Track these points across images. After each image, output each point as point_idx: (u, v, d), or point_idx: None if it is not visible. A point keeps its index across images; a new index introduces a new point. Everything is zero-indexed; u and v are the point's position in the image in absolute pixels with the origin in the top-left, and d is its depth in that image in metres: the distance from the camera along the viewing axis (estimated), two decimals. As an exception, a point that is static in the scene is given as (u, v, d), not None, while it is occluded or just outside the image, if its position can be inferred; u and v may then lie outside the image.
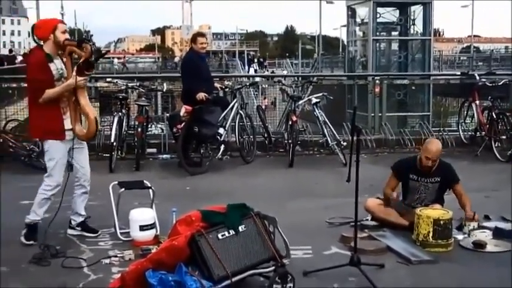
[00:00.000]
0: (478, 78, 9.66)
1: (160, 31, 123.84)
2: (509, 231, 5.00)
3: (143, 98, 8.71)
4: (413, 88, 11.44)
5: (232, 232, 3.79)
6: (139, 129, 8.12)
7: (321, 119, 8.66)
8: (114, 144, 7.82)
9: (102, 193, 5.17)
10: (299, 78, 11.77)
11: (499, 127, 8.78)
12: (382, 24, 13.03)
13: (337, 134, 8.64)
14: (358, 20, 13.59)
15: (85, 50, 4.60)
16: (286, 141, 8.70)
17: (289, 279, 3.75)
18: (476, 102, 9.39)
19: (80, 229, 5.07)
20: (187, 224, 3.83)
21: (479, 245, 4.74)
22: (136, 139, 8.17)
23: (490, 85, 9.59)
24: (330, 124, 8.66)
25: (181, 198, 6.21)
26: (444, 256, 4.59)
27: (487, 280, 4.16)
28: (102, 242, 4.93)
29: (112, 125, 7.82)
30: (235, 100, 8.64)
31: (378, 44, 13.21)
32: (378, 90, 10.16)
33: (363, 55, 13.49)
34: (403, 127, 10.43)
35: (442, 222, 4.70)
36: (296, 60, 50.89)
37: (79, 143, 4.90)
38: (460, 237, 4.92)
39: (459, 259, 4.57)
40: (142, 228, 4.83)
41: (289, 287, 3.75)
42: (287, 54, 64.85)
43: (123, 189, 5.07)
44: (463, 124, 9.73)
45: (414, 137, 9.31)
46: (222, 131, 8.16)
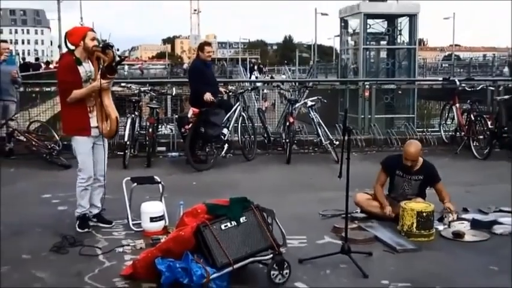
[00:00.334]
0: (458, 83, 9.63)
1: (170, 40, 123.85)
2: (486, 222, 5.00)
3: (154, 101, 8.68)
4: (400, 92, 11.47)
5: (234, 223, 3.78)
6: (150, 130, 8.14)
7: (315, 120, 8.65)
8: (128, 143, 7.82)
9: (116, 188, 5.16)
10: (296, 83, 11.73)
11: (477, 128, 8.79)
12: (371, 34, 13.06)
13: (330, 134, 8.62)
14: (350, 31, 13.62)
15: (108, 55, 4.59)
16: (284, 140, 8.69)
17: (285, 266, 3.76)
18: (457, 105, 9.39)
19: (96, 220, 5.06)
20: (193, 216, 3.82)
21: (458, 235, 4.74)
22: (147, 138, 8.18)
23: (469, 90, 9.60)
24: (323, 125, 8.65)
25: (188, 192, 6.19)
26: (426, 245, 4.59)
27: (465, 266, 4.18)
28: (116, 232, 4.92)
29: (126, 125, 7.81)
30: (238, 103, 8.62)
31: (367, 52, 13.25)
32: (367, 94, 10.17)
33: (354, 62, 13.51)
34: (390, 128, 10.40)
35: (424, 214, 4.71)
36: (294, 66, 50.82)
37: (100, 140, 4.90)
38: (440, 227, 4.92)
39: (440, 247, 4.57)
40: (153, 219, 4.83)
41: (286, 273, 3.75)
42: (285, 62, 64.73)
43: (135, 184, 5.08)
44: (445, 125, 9.70)
45: (400, 136, 9.28)
46: (226, 131, 8.16)
